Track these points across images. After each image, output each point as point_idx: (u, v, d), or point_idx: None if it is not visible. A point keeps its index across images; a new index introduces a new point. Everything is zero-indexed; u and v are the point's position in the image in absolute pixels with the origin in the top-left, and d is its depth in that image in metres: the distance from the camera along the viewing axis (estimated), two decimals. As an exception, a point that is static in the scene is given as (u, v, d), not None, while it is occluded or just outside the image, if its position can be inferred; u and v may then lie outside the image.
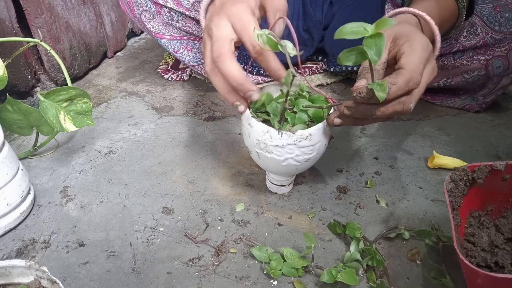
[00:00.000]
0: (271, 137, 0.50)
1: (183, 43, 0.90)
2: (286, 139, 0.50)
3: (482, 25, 0.73)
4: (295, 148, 0.51)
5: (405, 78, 0.45)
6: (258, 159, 0.56)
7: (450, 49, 0.77)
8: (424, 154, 0.72)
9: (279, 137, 0.50)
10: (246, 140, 0.55)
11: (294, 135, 0.50)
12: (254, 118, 0.52)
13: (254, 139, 0.52)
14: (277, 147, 0.51)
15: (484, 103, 0.83)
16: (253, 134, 0.52)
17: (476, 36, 0.74)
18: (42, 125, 0.68)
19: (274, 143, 0.51)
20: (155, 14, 0.85)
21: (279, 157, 0.52)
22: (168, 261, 0.52)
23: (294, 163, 0.53)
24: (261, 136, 0.51)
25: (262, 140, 0.51)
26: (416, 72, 0.46)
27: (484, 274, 0.37)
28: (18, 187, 0.57)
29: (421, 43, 0.48)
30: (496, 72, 0.76)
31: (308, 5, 0.90)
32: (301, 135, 0.50)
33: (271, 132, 0.50)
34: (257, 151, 0.54)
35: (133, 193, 0.64)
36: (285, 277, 0.49)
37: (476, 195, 0.50)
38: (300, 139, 0.50)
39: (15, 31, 0.86)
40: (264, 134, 0.51)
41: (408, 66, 0.46)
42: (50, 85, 0.99)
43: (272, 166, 0.55)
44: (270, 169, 0.58)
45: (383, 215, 0.59)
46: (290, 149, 0.51)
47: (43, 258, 0.53)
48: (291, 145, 0.50)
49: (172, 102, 0.92)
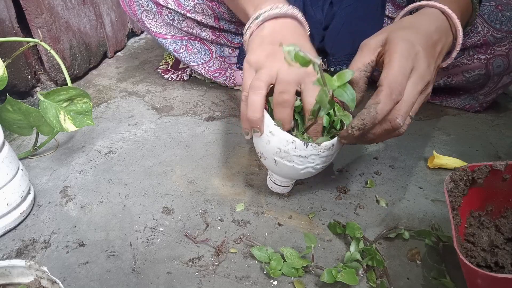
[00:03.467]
0: (296, 148, 0.50)
1: (183, 43, 0.90)
2: (311, 150, 0.50)
3: (483, 23, 0.72)
4: (317, 158, 0.51)
5: (385, 94, 0.45)
6: (275, 166, 0.54)
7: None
8: (424, 154, 0.72)
9: (304, 148, 0.49)
10: (263, 146, 0.53)
11: (319, 146, 0.49)
12: (277, 127, 0.51)
13: (274, 147, 0.51)
14: (300, 157, 0.50)
15: (484, 102, 0.83)
16: (274, 142, 0.51)
17: (476, 34, 0.74)
18: (42, 125, 0.68)
19: (297, 153, 0.50)
20: (156, 14, 0.85)
21: (300, 166, 0.52)
22: (168, 261, 0.52)
23: (312, 171, 0.53)
24: (284, 145, 0.50)
25: (284, 150, 0.50)
26: (395, 83, 0.46)
27: (484, 274, 0.37)
28: (18, 187, 0.57)
29: (400, 52, 0.47)
30: (496, 71, 0.76)
31: (308, 5, 0.90)
32: (325, 147, 0.50)
33: (296, 142, 0.49)
34: (276, 159, 0.52)
35: (133, 193, 0.64)
36: (285, 277, 0.49)
37: (476, 195, 0.50)
38: (324, 150, 0.50)
39: (15, 31, 0.86)
40: (288, 144, 0.50)
41: (385, 81, 0.46)
42: (50, 85, 0.99)
43: (289, 173, 0.54)
44: (283, 175, 0.57)
45: (383, 215, 0.59)
46: (312, 159, 0.51)
47: (43, 258, 0.53)
48: (314, 155, 0.50)
49: (172, 102, 0.92)
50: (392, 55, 0.47)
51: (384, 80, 0.46)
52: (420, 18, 0.55)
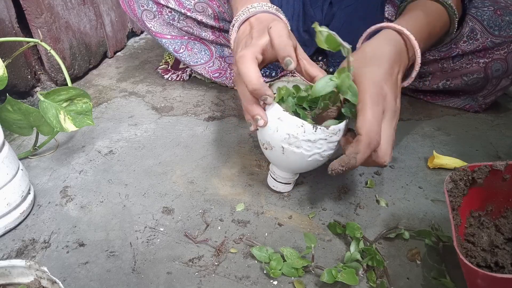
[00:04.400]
0: (305, 131, 0.50)
1: (183, 43, 0.90)
2: (320, 133, 0.50)
3: (482, 30, 0.73)
4: (325, 143, 0.51)
5: (364, 144, 0.47)
6: (281, 155, 0.54)
7: (450, 53, 0.78)
8: (424, 154, 0.72)
9: (313, 131, 0.50)
10: (271, 135, 0.53)
11: (328, 130, 0.50)
12: (286, 112, 0.51)
13: (283, 133, 0.51)
14: (309, 142, 0.51)
15: (484, 104, 0.84)
16: (282, 128, 0.51)
17: (475, 41, 0.74)
18: (42, 125, 0.68)
19: (306, 137, 0.50)
20: (156, 13, 0.85)
21: (308, 152, 0.52)
22: (168, 261, 0.52)
23: (320, 158, 0.53)
24: (293, 130, 0.50)
25: (293, 134, 0.51)
26: (372, 132, 0.47)
27: (484, 274, 0.37)
28: (18, 187, 0.57)
29: (371, 99, 0.48)
30: (495, 75, 0.76)
31: (308, 5, 0.90)
32: (332, 130, 0.50)
33: (306, 126, 0.50)
34: (284, 146, 0.52)
35: (133, 193, 0.64)
36: (285, 277, 0.49)
37: (476, 195, 0.50)
38: (331, 134, 0.51)
39: (15, 31, 0.86)
40: (298, 128, 0.50)
41: (362, 130, 0.47)
42: (50, 85, 0.99)
43: (296, 162, 0.54)
44: (289, 165, 0.57)
45: (383, 215, 0.59)
46: (320, 144, 0.51)
47: (43, 258, 0.53)
48: (322, 140, 0.51)
49: (172, 102, 0.92)
50: (364, 102, 0.48)
51: (361, 130, 0.47)
52: (380, 46, 0.55)
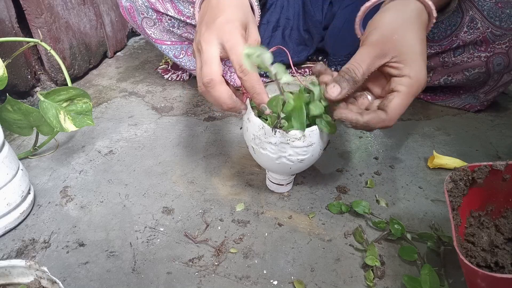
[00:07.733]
0: (265, 134, 0.51)
1: (183, 48, 0.90)
2: (279, 137, 0.51)
3: (482, 19, 0.72)
4: (288, 148, 0.51)
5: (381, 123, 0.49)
6: (254, 154, 0.57)
7: (451, 45, 0.77)
8: (424, 154, 0.72)
9: (273, 134, 0.51)
10: (244, 134, 0.56)
11: (287, 134, 0.50)
12: (252, 113, 0.53)
13: (250, 133, 0.54)
14: (271, 144, 0.52)
15: (485, 101, 0.83)
16: (250, 129, 0.53)
17: (476, 30, 0.73)
18: (42, 125, 0.68)
19: (268, 140, 0.52)
20: (156, 21, 0.85)
21: (273, 154, 0.53)
22: (168, 261, 0.52)
23: (288, 162, 0.53)
24: (256, 131, 0.52)
25: (257, 136, 0.52)
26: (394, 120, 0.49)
27: (484, 274, 0.37)
28: (18, 187, 0.57)
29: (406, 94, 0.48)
30: (497, 69, 0.76)
31: (308, 5, 0.90)
32: (294, 135, 0.50)
33: (266, 128, 0.51)
34: (253, 146, 0.55)
35: (133, 193, 0.64)
36: (285, 277, 0.49)
37: (476, 195, 0.50)
38: (293, 139, 0.50)
39: (15, 31, 0.86)
40: (260, 129, 0.52)
41: (389, 114, 0.48)
42: (50, 85, 0.99)
43: (267, 163, 0.56)
44: (265, 166, 0.59)
45: (383, 215, 0.59)
46: (283, 148, 0.52)
47: (43, 258, 0.53)
48: (284, 144, 0.51)
49: (172, 102, 0.92)
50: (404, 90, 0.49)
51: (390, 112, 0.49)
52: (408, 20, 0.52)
